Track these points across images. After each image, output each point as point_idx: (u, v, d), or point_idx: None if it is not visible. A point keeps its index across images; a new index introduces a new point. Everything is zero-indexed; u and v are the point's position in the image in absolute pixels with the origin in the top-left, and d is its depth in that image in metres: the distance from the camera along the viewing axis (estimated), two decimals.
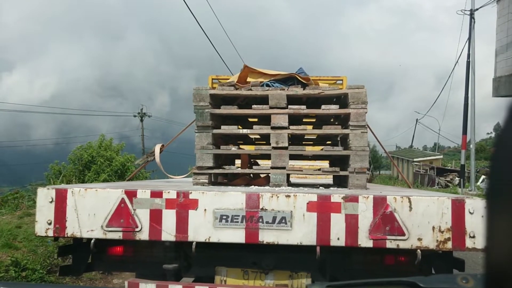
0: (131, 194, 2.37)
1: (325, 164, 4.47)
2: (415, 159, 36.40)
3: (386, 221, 2.23)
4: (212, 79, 6.47)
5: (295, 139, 3.89)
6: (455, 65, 24.09)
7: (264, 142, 3.87)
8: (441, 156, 41.15)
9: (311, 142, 4.33)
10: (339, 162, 3.36)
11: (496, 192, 0.52)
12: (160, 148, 3.77)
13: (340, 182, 3.52)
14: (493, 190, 0.53)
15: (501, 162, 0.53)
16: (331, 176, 3.73)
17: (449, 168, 35.17)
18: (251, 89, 3.08)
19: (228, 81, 3.40)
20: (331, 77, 6.66)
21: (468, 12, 20.16)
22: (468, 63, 20.02)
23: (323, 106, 3.04)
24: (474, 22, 19.96)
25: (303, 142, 4.28)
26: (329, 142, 3.95)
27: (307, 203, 2.27)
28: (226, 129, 3.09)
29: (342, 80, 6.50)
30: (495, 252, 0.52)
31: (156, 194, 2.36)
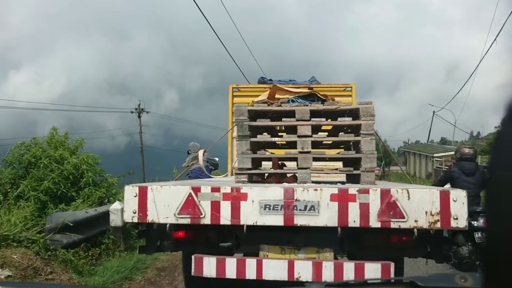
0: (196, 190, 3.12)
1: (339, 164, 5.21)
2: (435, 155, 32.89)
3: (390, 207, 2.96)
4: (233, 88, 7.21)
5: (315, 144, 4.63)
6: (491, 45, 19.76)
7: (288, 147, 4.61)
8: None
9: (327, 146, 5.07)
10: (351, 163, 4.08)
11: (495, 187, 0.54)
12: (203, 153, 4.54)
13: (352, 179, 4.25)
14: (493, 186, 0.54)
15: (501, 158, 0.54)
16: (344, 174, 4.46)
17: None
18: (280, 105, 3.84)
19: (259, 98, 4.16)
20: (341, 84, 7.36)
21: None
22: None
23: (339, 119, 3.78)
24: None
25: (320, 146, 5.02)
26: (343, 146, 4.69)
27: (330, 195, 3.00)
28: (261, 137, 3.85)
29: (351, 87, 7.19)
30: (495, 248, 0.53)
31: (215, 189, 3.11)
